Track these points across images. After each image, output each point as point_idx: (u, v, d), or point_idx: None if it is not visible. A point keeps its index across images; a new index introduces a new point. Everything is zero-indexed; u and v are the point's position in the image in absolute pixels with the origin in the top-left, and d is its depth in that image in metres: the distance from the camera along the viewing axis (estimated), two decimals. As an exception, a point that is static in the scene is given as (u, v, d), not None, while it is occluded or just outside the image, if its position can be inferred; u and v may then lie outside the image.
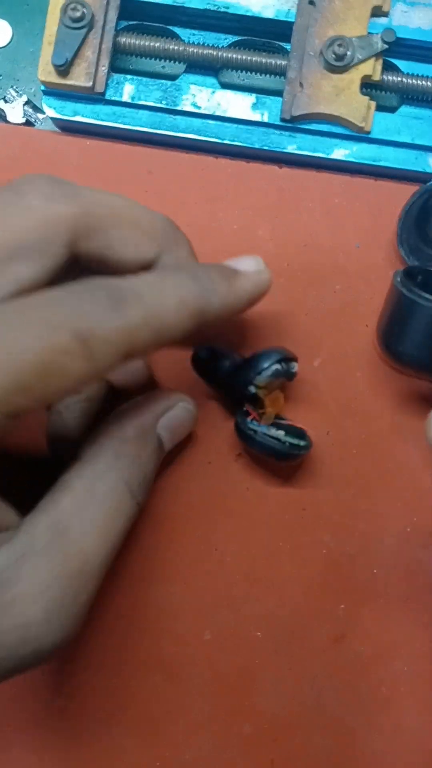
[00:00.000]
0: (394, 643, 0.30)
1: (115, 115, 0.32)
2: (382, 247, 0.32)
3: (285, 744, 0.30)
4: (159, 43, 0.31)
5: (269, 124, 0.31)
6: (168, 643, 0.30)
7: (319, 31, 0.31)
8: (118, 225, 0.25)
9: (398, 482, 0.31)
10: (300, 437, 0.29)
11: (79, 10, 0.30)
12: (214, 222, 0.32)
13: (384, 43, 0.30)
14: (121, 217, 0.25)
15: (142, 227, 0.25)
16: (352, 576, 0.31)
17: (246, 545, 0.31)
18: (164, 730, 0.30)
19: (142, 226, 0.25)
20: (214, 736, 0.30)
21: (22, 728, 0.30)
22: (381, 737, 0.30)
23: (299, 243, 0.32)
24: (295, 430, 0.29)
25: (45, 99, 0.32)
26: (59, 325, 0.21)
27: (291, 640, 0.30)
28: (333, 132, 0.31)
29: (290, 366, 0.29)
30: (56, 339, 0.21)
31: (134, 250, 0.25)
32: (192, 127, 0.32)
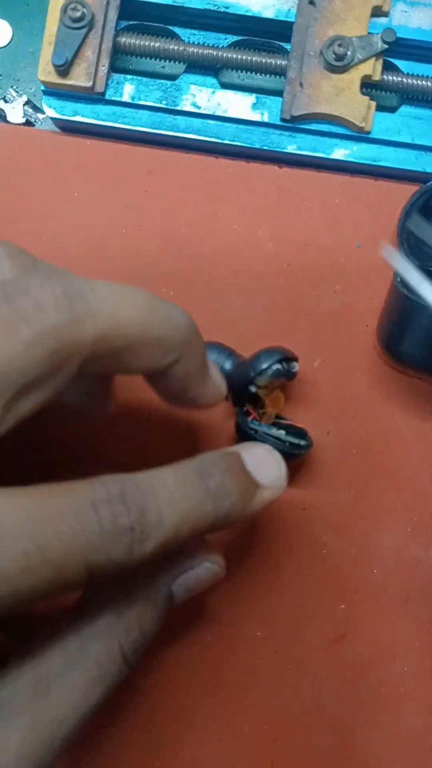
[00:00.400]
0: (394, 643, 0.30)
1: (115, 115, 0.32)
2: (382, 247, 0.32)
3: (285, 743, 0.30)
4: (159, 43, 0.31)
5: (269, 124, 0.31)
6: (168, 643, 0.30)
7: (319, 31, 0.31)
8: (136, 344, 0.22)
9: (398, 482, 0.31)
10: (300, 437, 0.29)
11: (79, 10, 0.30)
12: (214, 222, 0.32)
13: (384, 43, 0.30)
14: (141, 336, 0.22)
15: (161, 342, 0.23)
16: (352, 576, 0.31)
17: (245, 545, 0.31)
18: (164, 729, 0.30)
19: (161, 341, 0.23)
20: (214, 736, 0.30)
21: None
22: (381, 737, 0.30)
23: (299, 243, 0.32)
24: (296, 430, 0.29)
25: (45, 99, 0.32)
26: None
27: (291, 640, 0.30)
28: (333, 132, 0.31)
29: (291, 366, 0.29)
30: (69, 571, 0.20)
31: (147, 363, 0.23)
32: (192, 127, 0.32)
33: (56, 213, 0.32)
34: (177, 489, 0.22)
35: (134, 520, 0.21)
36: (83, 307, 0.21)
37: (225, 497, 0.23)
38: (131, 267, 0.32)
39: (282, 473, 0.25)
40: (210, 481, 0.23)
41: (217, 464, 0.23)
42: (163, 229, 0.32)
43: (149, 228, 0.32)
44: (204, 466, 0.23)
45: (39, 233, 0.32)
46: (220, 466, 0.23)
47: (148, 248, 0.32)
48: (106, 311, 0.21)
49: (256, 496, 0.24)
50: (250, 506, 0.24)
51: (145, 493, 0.21)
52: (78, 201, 0.32)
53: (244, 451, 0.25)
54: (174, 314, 0.23)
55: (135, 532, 0.21)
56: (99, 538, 0.20)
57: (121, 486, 0.21)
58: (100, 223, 0.32)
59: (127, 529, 0.21)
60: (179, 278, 0.32)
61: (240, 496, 0.23)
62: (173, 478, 0.22)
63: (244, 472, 0.24)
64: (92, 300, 0.21)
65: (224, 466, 0.24)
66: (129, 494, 0.21)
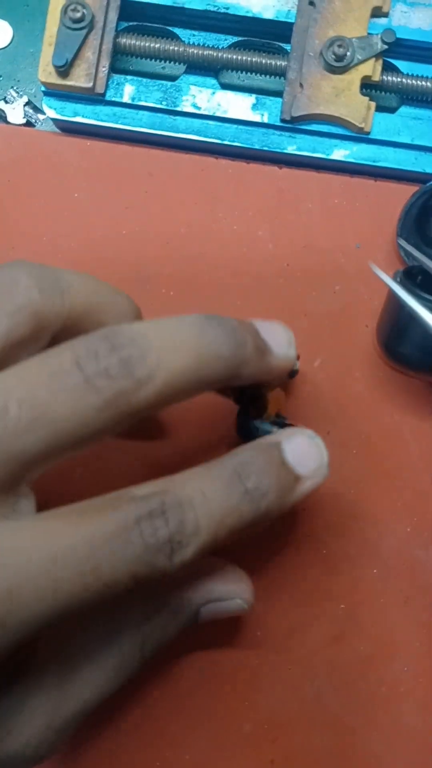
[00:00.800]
0: (394, 643, 0.30)
1: (115, 115, 0.32)
2: (381, 248, 0.32)
3: (285, 743, 0.30)
4: (159, 44, 0.31)
5: (269, 124, 0.32)
6: (167, 642, 0.30)
7: (318, 31, 0.31)
8: (105, 317, 0.25)
9: (398, 482, 0.31)
10: None
11: (79, 11, 0.30)
12: (214, 223, 0.32)
13: (384, 43, 0.31)
14: (108, 310, 0.25)
15: (125, 316, 0.25)
16: (352, 576, 0.31)
17: (245, 544, 0.31)
18: (164, 729, 0.30)
19: (124, 315, 0.25)
20: (214, 736, 0.30)
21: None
22: (381, 737, 0.30)
23: (299, 243, 0.32)
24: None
25: (45, 100, 0.32)
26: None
27: (291, 640, 0.30)
28: (333, 132, 0.31)
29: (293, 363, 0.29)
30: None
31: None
32: (192, 127, 0.32)
33: (56, 214, 0.32)
34: (215, 495, 0.23)
35: (174, 531, 0.22)
36: (57, 286, 0.23)
37: (262, 497, 0.23)
38: (131, 267, 0.32)
39: (324, 461, 0.25)
40: (248, 482, 0.23)
41: (255, 462, 0.24)
42: (163, 230, 0.32)
43: (149, 228, 0.32)
44: (241, 466, 0.23)
45: (39, 234, 0.32)
46: (258, 464, 0.24)
47: (148, 249, 0.32)
48: (75, 287, 0.24)
49: (296, 489, 0.24)
50: (289, 500, 0.24)
51: (182, 504, 0.22)
52: (78, 201, 0.32)
53: (285, 440, 0.25)
54: (121, 300, 0.25)
55: (174, 542, 0.22)
56: (144, 551, 0.21)
57: (161, 500, 0.22)
58: (100, 223, 0.32)
59: (167, 540, 0.21)
60: (179, 279, 0.32)
61: (278, 494, 0.24)
62: (210, 484, 0.23)
63: (283, 467, 0.24)
64: (62, 280, 0.24)
65: (262, 464, 0.24)
66: (168, 507, 0.22)
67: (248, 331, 0.24)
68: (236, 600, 0.26)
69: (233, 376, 0.24)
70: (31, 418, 0.21)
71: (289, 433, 0.25)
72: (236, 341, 0.24)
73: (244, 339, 0.24)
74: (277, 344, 0.25)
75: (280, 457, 0.24)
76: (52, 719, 0.23)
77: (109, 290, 0.25)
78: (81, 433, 0.21)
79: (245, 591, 0.26)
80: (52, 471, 0.23)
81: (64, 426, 0.21)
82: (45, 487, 0.24)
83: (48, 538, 0.21)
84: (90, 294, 0.24)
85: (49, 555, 0.20)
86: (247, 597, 0.26)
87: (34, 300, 0.23)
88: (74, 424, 0.21)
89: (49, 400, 0.21)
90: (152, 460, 0.31)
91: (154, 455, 0.31)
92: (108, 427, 0.22)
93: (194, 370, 0.23)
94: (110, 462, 0.31)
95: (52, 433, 0.21)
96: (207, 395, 0.31)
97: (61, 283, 0.23)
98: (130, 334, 0.22)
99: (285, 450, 0.24)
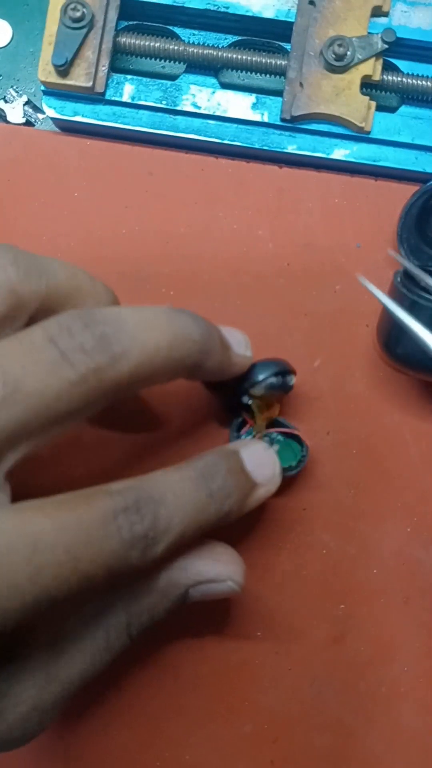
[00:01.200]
0: (394, 644, 0.30)
1: (115, 115, 0.32)
2: (382, 247, 0.32)
3: (285, 744, 0.30)
4: (159, 43, 0.31)
5: (269, 124, 0.31)
6: (168, 643, 0.30)
7: (319, 31, 0.31)
8: (82, 303, 0.25)
9: (398, 482, 0.31)
10: (294, 453, 0.29)
11: (79, 10, 0.30)
12: (214, 222, 0.32)
13: (384, 43, 0.30)
14: (86, 296, 0.25)
15: (103, 304, 0.26)
16: (352, 576, 0.31)
17: (246, 545, 0.31)
18: (164, 729, 0.30)
19: (103, 302, 0.26)
20: (214, 736, 0.30)
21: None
22: (381, 737, 0.30)
23: (299, 243, 0.32)
24: (289, 446, 0.29)
25: (45, 99, 0.32)
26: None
27: (291, 640, 0.30)
28: (333, 132, 0.31)
29: (287, 379, 0.29)
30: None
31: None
32: (192, 127, 0.32)
33: (56, 213, 0.32)
34: (184, 494, 0.24)
35: (148, 527, 0.22)
36: (33, 266, 0.24)
37: (226, 498, 0.25)
38: (131, 267, 0.32)
39: (276, 471, 0.27)
40: (212, 484, 0.24)
41: (219, 466, 0.25)
42: (162, 229, 0.32)
43: (149, 228, 0.32)
44: (207, 469, 0.25)
45: (39, 233, 0.32)
46: (222, 469, 0.25)
47: (147, 248, 0.32)
48: (53, 270, 0.24)
49: (253, 494, 0.26)
50: (247, 504, 0.26)
51: (156, 501, 0.23)
52: (78, 201, 0.32)
53: (243, 449, 0.26)
54: (99, 288, 0.26)
55: (148, 538, 0.22)
56: (120, 546, 0.22)
57: (136, 495, 0.23)
58: (99, 223, 0.32)
59: (142, 536, 0.22)
60: (179, 278, 0.32)
61: (239, 497, 0.25)
62: (180, 484, 0.24)
63: (243, 473, 0.26)
64: (41, 263, 0.24)
65: (225, 469, 0.25)
66: (143, 502, 0.23)
67: (213, 326, 0.26)
68: (227, 582, 0.26)
69: (201, 362, 0.25)
70: (4, 395, 0.21)
71: (248, 443, 0.27)
72: (205, 329, 0.25)
73: (211, 330, 0.25)
74: (237, 344, 0.27)
75: (241, 464, 0.26)
76: (38, 701, 0.23)
77: (88, 278, 0.25)
78: (56, 408, 0.21)
79: (236, 573, 0.26)
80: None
81: (38, 401, 0.21)
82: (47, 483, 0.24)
83: (28, 527, 0.21)
84: (69, 278, 0.25)
85: (29, 543, 0.20)
86: (239, 579, 0.26)
87: (11, 278, 0.23)
88: (48, 399, 0.21)
89: (22, 375, 0.21)
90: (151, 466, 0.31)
91: (152, 461, 0.31)
92: (83, 403, 0.22)
93: (168, 348, 0.23)
94: (105, 459, 0.31)
95: (26, 408, 0.21)
96: (205, 398, 0.31)
97: (39, 264, 0.24)
98: (104, 313, 0.23)
99: (244, 458, 0.26)
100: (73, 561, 0.21)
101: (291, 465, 0.29)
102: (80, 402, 0.22)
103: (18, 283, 0.23)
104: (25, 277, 0.23)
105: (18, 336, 0.22)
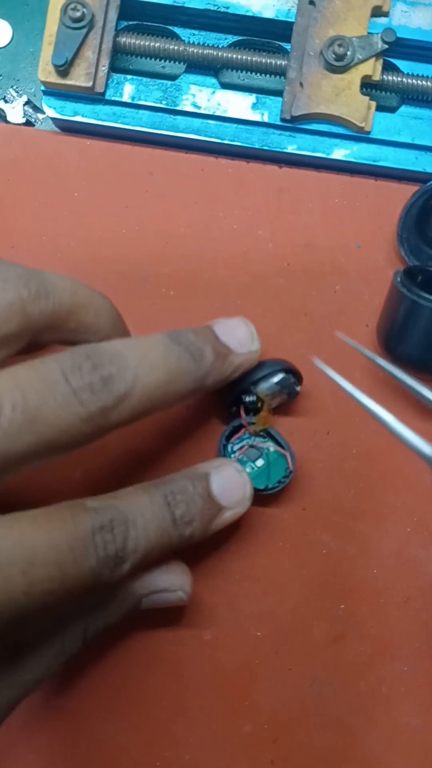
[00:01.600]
0: (394, 643, 0.30)
1: (115, 115, 0.32)
2: (382, 247, 0.32)
3: (285, 744, 0.30)
4: (159, 43, 0.31)
5: (269, 124, 0.31)
6: (168, 643, 0.30)
7: (319, 31, 0.31)
8: (84, 316, 0.26)
9: (398, 482, 0.31)
10: (283, 470, 0.29)
11: (79, 10, 0.30)
12: (214, 222, 0.32)
13: (384, 43, 0.30)
14: (87, 310, 0.26)
15: (102, 315, 0.26)
16: (352, 576, 0.31)
17: (246, 545, 0.31)
18: (164, 729, 0.30)
19: (102, 315, 0.26)
20: (214, 736, 0.30)
21: (21, 728, 0.30)
22: (381, 737, 0.30)
23: (299, 243, 0.32)
24: (280, 460, 0.29)
25: (45, 99, 0.32)
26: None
27: (291, 640, 0.30)
28: (333, 132, 0.31)
29: (295, 383, 0.29)
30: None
31: (93, 335, 0.26)
32: (192, 127, 0.32)
33: (56, 213, 0.32)
34: (151, 519, 0.25)
35: (119, 547, 0.23)
36: (42, 285, 0.24)
37: (187, 525, 0.26)
38: (131, 267, 0.32)
39: (246, 494, 0.28)
40: (176, 510, 0.25)
41: (185, 493, 0.26)
42: (162, 229, 0.32)
43: (149, 228, 0.32)
44: (172, 495, 0.26)
45: (39, 233, 0.32)
46: (188, 495, 0.26)
47: (147, 248, 0.32)
48: (59, 289, 0.25)
49: (218, 518, 0.27)
50: (210, 529, 0.27)
51: (128, 521, 0.24)
52: (78, 201, 0.32)
53: (214, 472, 0.27)
54: (97, 299, 0.26)
55: (117, 558, 0.23)
56: (96, 563, 0.23)
57: (112, 514, 0.24)
58: (99, 223, 0.32)
59: (113, 555, 0.23)
60: (179, 278, 0.32)
61: (201, 523, 0.26)
62: (149, 507, 0.25)
63: (208, 499, 0.27)
64: (47, 281, 0.25)
65: (190, 495, 0.26)
66: (117, 522, 0.24)
67: (207, 340, 0.26)
68: (177, 592, 0.27)
69: (199, 386, 0.26)
70: (23, 421, 0.22)
71: (219, 464, 0.27)
72: (196, 356, 0.26)
73: (203, 353, 0.26)
74: (239, 343, 0.27)
75: (207, 489, 0.27)
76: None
77: (87, 291, 0.26)
78: (63, 440, 0.23)
79: (186, 583, 0.28)
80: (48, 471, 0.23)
81: (50, 432, 0.22)
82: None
83: (25, 541, 0.22)
84: (72, 295, 0.25)
85: (26, 558, 0.21)
86: (188, 589, 0.28)
87: (24, 298, 0.24)
88: (59, 431, 0.22)
89: (40, 405, 0.22)
90: (145, 471, 0.31)
91: (146, 466, 0.31)
92: (87, 438, 0.23)
93: (165, 384, 0.24)
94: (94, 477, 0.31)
95: (39, 437, 0.22)
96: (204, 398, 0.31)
97: (46, 283, 0.24)
98: (109, 353, 0.24)
99: (212, 482, 0.27)
100: (61, 576, 0.22)
101: (268, 486, 0.29)
102: (84, 437, 0.23)
103: (29, 304, 0.24)
104: (35, 298, 0.24)
105: (34, 365, 0.23)
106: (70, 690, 0.30)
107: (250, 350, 0.28)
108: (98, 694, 0.30)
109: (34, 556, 0.21)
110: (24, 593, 0.21)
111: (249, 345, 0.28)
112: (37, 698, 0.30)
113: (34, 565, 0.21)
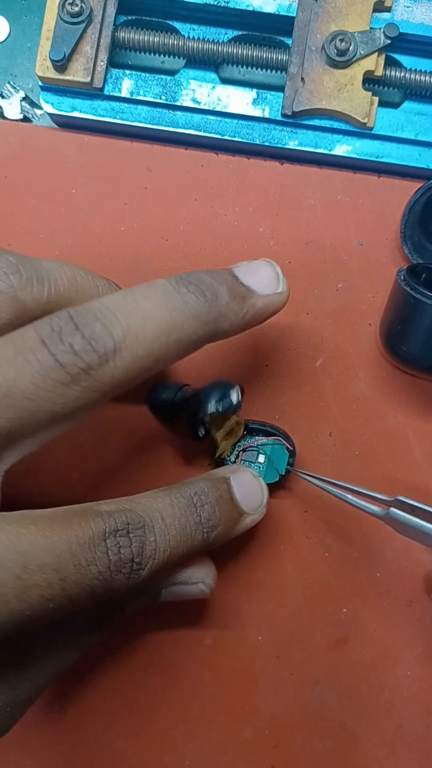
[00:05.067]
0: (396, 647, 0.30)
1: (113, 110, 0.32)
2: (385, 245, 0.31)
3: (286, 748, 0.30)
4: (158, 37, 0.31)
5: (270, 119, 0.31)
6: (168, 648, 0.30)
7: (320, 25, 0.30)
8: (84, 302, 0.25)
9: (401, 484, 0.31)
10: (279, 462, 0.29)
11: (77, 5, 0.30)
12: (214, 219, 0.32)
13: (386, 38, 0.30)
14: (88, 296, 0.25)
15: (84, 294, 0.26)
16: (355, 579, 0.30)
17: (246, 548, 0.30)
18: (164, 734, 0.30)
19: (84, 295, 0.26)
20: (215, 741, 0.30)
21: (21, 732, 0.30)
22: (383, 742, 0.30)
23: (301, 240, 0.31)
24: (280, 451, 0.29)
25: (42, 95, 0.32)
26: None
27: (292, 644, 0.30)
28: (335, 128, 0.31)
29: (230, 399, 0.28)
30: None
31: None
32: (192, 122, 0.31)
33: (54, 210, 0.32)
34: (172, 522, 0.24)
35: (135, 552, 0.23)
36: (35, 272, 0.24)
37: (213, 528, 0.25)
38: (130, 264, 0.31)
39: (264, 501, 0.27)
40: (202, 512, 0.25)
41: (209, 495, 0.25)
42: (162, 226, 0.32)
43: (148, 225, 0.32)
44: (197, 497, 0.25)
45: (37, 230, 0.32)
46: (212, 498, 0.25)
47: (147, 245, 0.32)
48: (55, 274, 0.24)
49: (240, 523, 0.26)
50: (233, 533, 0.26)
51: (145, 526, 0.23)
52: (76, 197, 0.32)
53: (233, 476, 0.27)
54: (102, 285, 0.26)
55: (134, 563, 0.22)
56: (106, 569, 0.22)
57: (127, 518, 0.23)
58: (98, 219, 0.32)
59: (129, 560, 0.22)
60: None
61: (226, 526, 0.25)
62: (170, 510, 0.24)
63: (231, 502, 0.26)
64: (42, 268, 0.24)
65: (215, 498, 0.25)
66: (133, 526, 0.23)
67: (223, 281, 0.24)
68: (199, 585, 0.27)
69: (214, 331, 0.24)
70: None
71: (235, 470, 0.27)
72: (209, 296, 0.24)
73: (216, 292, 0.24)
74: (263, 285, 0.25)
75: (230, 493, 0.26)
76: (7, 703, 0.23)
77: (89, 277, 0.25)
78: (50, 409, 0.21)
79: (208, 576, 0.27)
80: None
81: (30, 404, 0.21)
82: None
83: (20, 544, 0.21)
84: (70, 281, 0.24)
85: (20, 562, 0.20)
86: (210, 582, 0.27)
87: (14, 285, 0.23)
88: (41, 401, 0.21)
89: (14, 378, 0.21)
90: (137, 481, 0.31)
91: (140, 476, 0.31)
92: (81, 403, 0.22)
93: (166, 333, 0.23)
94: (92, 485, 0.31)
95: (19, 410, 0.21)
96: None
97: (40, 270, 0.24)
98: (95, 310, 0.22)
99: (233, 486, 0.26)
100: (60, 582, 0.21)
101: (281, 474, 0.29)
102: (76, 402, 0.22)
103: (21, 290, 0.23)
104: (27, 284, 0.23)
105: (11, 337, 0.22)
106: (69, 695, 0.30)
107: (275, 292, 0.25)
108: (97, 698, 0.30)
109: (28, 561, 0.20)
110: (18, 598, 0.20)
111: (274, 287, 0.25)
112: (36, 703, 0.30)
113: (29, 570, 0.20)
